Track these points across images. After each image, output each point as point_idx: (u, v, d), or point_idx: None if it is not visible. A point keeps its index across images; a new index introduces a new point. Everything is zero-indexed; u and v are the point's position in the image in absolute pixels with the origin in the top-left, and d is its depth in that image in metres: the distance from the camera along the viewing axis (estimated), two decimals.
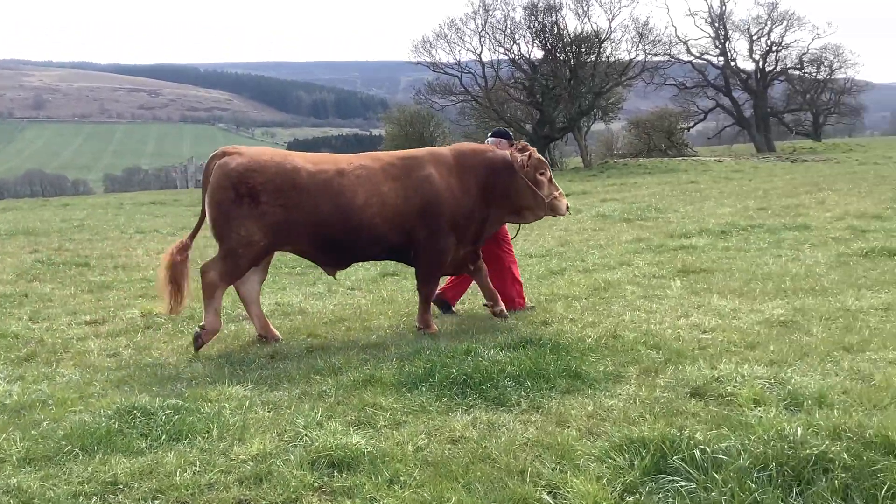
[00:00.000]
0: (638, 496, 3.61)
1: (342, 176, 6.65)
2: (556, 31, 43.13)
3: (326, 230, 6.63)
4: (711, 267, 9.42)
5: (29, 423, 4.81)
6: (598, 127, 55.51)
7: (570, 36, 43.35)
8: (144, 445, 4.40)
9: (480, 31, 43.74)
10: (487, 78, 44.83)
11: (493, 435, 4.44)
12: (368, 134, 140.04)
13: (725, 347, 5.98)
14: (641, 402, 4.84)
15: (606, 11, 43.57)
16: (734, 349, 5.92)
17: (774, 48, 58.70)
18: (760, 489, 3.49)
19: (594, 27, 43.38)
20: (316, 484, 3.90)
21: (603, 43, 43.23)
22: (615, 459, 3.91)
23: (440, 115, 49.64)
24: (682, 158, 43.25)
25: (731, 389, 4.88)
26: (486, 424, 4.62)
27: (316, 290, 9.25)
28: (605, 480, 3.75)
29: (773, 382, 4.97)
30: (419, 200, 6.80)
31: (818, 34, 58.61)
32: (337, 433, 4.42)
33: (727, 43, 58.63)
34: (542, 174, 7.13)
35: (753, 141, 58.17)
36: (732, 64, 59.18)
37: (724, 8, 57.85)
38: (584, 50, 43.41)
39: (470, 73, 45.25)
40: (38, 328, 7.58)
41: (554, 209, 7.21)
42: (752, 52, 59.00)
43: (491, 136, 8.18)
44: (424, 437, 4.44)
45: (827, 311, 6.96)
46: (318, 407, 4.95)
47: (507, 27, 43.37)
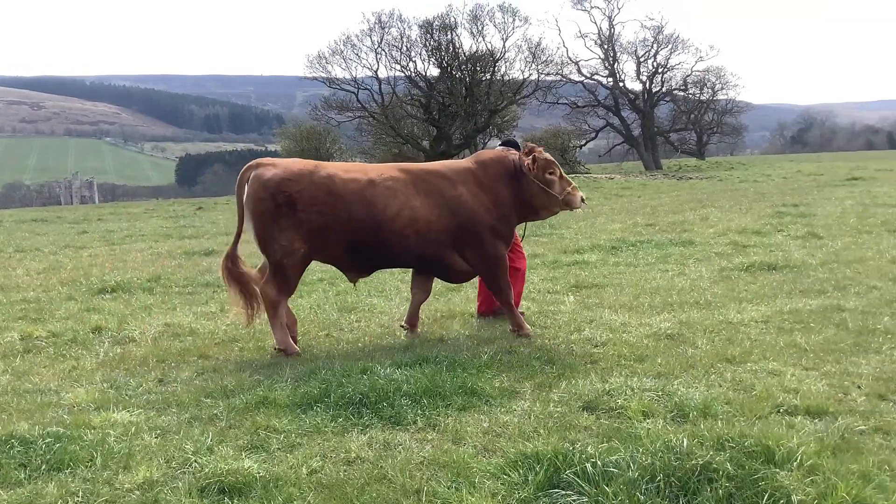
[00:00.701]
0: None
1: (373, 186, 6.86)
2: (451, 49, 43.78)
3: (360, 237, 6.82)
4: (603, 282, 9.66)
5: None
6: (493, 144, 56.38)
7: (465, 54, 44.10)
8: (23, 476, 4.17)
9: (377, 47, 44.00)
10: (384, 94, 45.02)
11: (389, 455, 4.41)
12: (264, 149, 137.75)
13: (616, 361, 6.13)
14: (536, 416, 4.90)
15: (500, 31, 44.53)
16: (624, 362, 6.08)
17: (660, 70, 61.24)
18: (649, 500, 3.58)
19: (489, 46, 44.28)
20: None
21: (497, 62, 44.17)
22: (510, 475, 3.95)
23: (337, 130, 49.46)
24: (574, 175, 44.29)
25: (621, 402, 5.00)
26: (382, 444, 4.58)
27: (208, 309, 9.00)
28: (499, 497, 3.78)
29: (660, 394, 5.12)
30: (457, 221, 7.03)
31: (701, 57, 61.44)
32: (228, 458, 4.29)
33: (616, 64, 60.77)
34: (551, 173, 7.36)
35: (642, 159, 60.31)
36: (621, 84, 61.35)
37: (612, 31, 59.98)
38: (479, 68, 44.18)
39: (367, 89, 45.35)
40: None
41: (569, 204, 7.44)
42: (639, 73, 61.34)
43: (500, 145, 8.35)
44: (319, 459, 4.37)
45: (711, 323, 7.24)
46: (208, 431, 4.80)
47: (403, 44, 43.76)
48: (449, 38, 43.63)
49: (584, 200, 7.59)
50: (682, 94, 63.13)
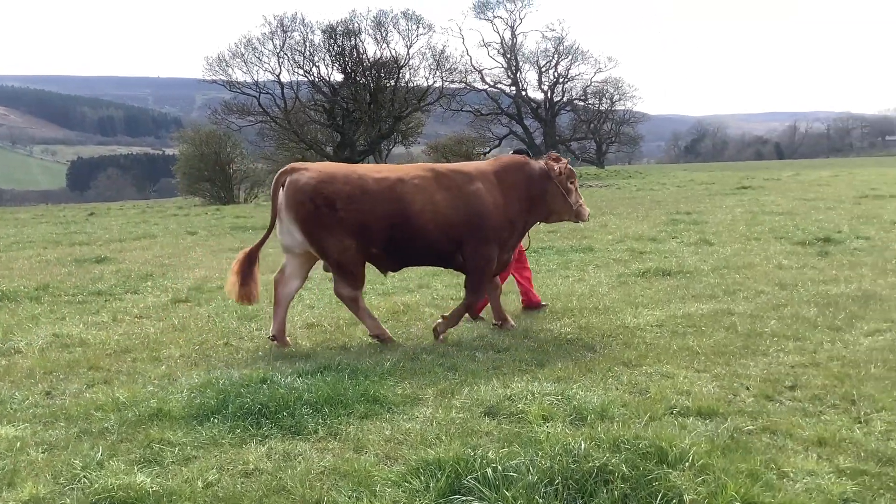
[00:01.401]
0: None
1: (401, 183, 7.18)
2: (355, 55, 43.58)
3: (393, 233, 7.13)
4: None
5: None
6: (398, 150, 56.49)
7: (369, 60, 43.95)
8: None
9: (279, 51, 43.40)
10: (287, 99, 44.42)
11: (288, 465, 4.33)
12: (161, 153, 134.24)
13: (518, 366, 6.21)
14: (438, 423, 4.91)
15: (404, 38, 44.65)
16: (525, 367, 6.17)
17: (561, 80, 62.57)
18: (547, 503, 3.63)
19: (393, 53, 44.28)
20: None
21: (402, 69, 44.21)
22: (411, 483, 3.93)
23: (238, 135, 48.51)
24: None
25: (522, 407, 5.06)
26: (281, 455, 4.50)
27: (99, 318, 8.67)
28: None
29: (560, 398, 5.21)
30: (467, 213, 7.29)
31: (600, 68, 63.04)
32: (119, 473, 4.14)
33: (518, 74, 61.78)
34: (571, 182, 7.90)
35: None
36: (524, 93, 62.40)
37: (514, 40, 60.93)
38: (383, 75, 44.13)
39: (269, 93, 44.67)
40: None
41: (579, 215, 7.99)
42: (541, 83, 62.52)
43: (512, 153, 8.68)
44: (216, 471, 4.26)
45: (608, 328, 7.41)
46: (98, 445, 4.61)
47: (306, 49, 43.30)
48: (353, 43, 43.52)
49: (590, 216, 8.19)
50: (582, 104, 64.69)
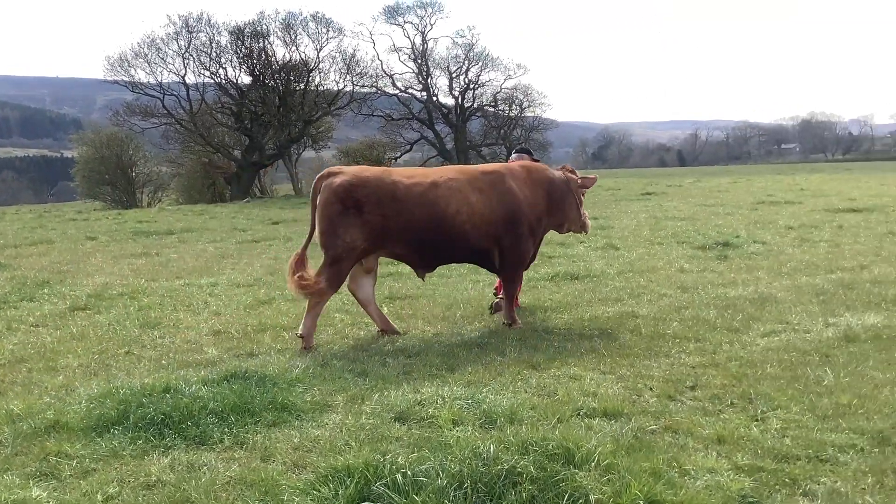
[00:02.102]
0: None
1: (436, 187, 7.47)
2: (263, 57, 42.87)
3: (423, 235, 7.42)
4: (417, 293, 9.78)
5: None
6: (309, 154, 55.89)
7: (278, 63, 43.31)
8: None
9: (184, 52, 42.27)
10: (192, 101, 43.34)
11: (192, 476, 4.22)
12: (59, 155, 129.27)
13: (428, 371, 6.21)
14: (348, 429, 4.87)
15: (314, 41, 44.11)
16: (436, 372, 6.17)
17: (472, 86, 62.92)
18: None
19: (303, 56, 43.73)
20: None
21: (311, 72, 43.70)
22: (320, 491, 3.88)
23: (140, 137, 47.10)
24: None
25: (432, 412, 5.07)
26: (185, 466, 4.38)
27: None
28: None
29: (470, 402, 5.23)
30: (503, 211, 7.65)
31: (510, 75, 63.61)
32: (13, 487, 3.98)
33: (429, 79, 61.85)
34: (583, 195, 8.40)
35: None
36: (435, 99, 62.50)
37: (425, 46, 61.03)
38: (292, 78, 43.55)
39: (173, 95, 43.46)
40: None
41: (584, 227, 8.55)
42: (451, 88, 62.73)
43: (515, 152, 9.21)
44: (116, 484, 4.12)
45: (518, 332, 7.50)
46: None
47: (212, 50, 42.33)
48: (261, 45, 42.76)
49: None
50: (492, 110, 65.24)
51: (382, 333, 7.59)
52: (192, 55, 42.30)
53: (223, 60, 42.85)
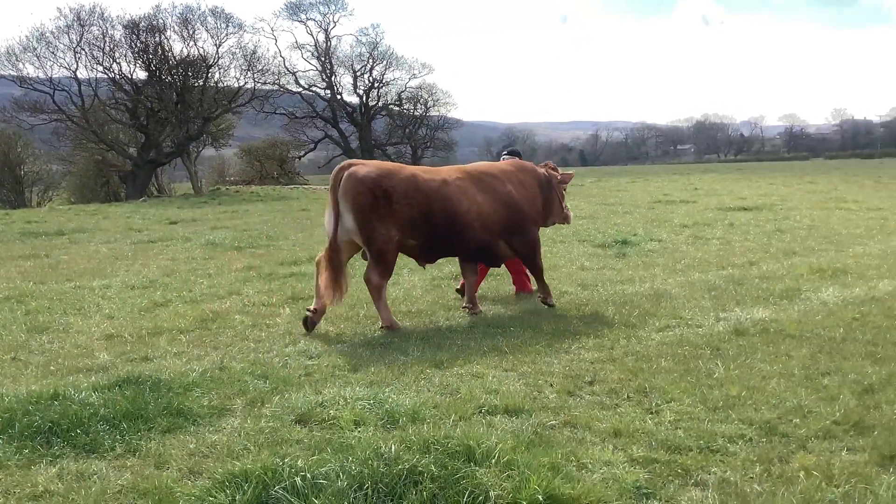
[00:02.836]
0: None
1: (447, 185, 7.89)
2: (160, 52, 41.58)
3: (439, 228, 7.79)
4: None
5: None
6: (209, 153, 54.64)
7: (175, 58, 42.10)
8: None
9: (76, 46, 40.58)
10: (84, 97, 41.65)
11: (82, 486, 4.06)
12: None
13: (331, 372, 6.15)
14: (246, 434, 4.77)
15: (213, 37, 43.05)
16: (339, 373, 6.12)
17: (376, 85, 62.79)
18: None
19: (201, 51, 42.62)
20: None
21: (211, 68, 42.66)
22: (216, 497, 3.78)
23: (29, 134, 45.01)
24: (293, 186, 44.11)
25: (334, 413, 5.01)
26: (74, 475, 4.21)
27: None
28: None
29: (373, 402, 5.20)
30: (503, 208, 8.23)
31: (415, 74, 63.73)
32: None
33: (333, 77, 61.44)
34: (564, 190, 9.11)
35: None
36: (339, 97, 62.12)
37: (329, 43, 60.58)
38: (191, 74, 42.40)
39: (64, 90, 41.66)
40: None
41: (566, 218, 9.33)
42: (356, 87, 62.49)
43: (507, 154, 9.85)
44: (1, 496, 3.92)
45: (422, 331, 7.51)
46: None
47: (106, 44, 40.75)
48: (157, 40, 41.43)
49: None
50: (397, 109, 65.23)
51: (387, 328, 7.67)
52: (84, 49, 40.63)
53: (117, 55, 41.30)
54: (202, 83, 42.67)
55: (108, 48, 40.73)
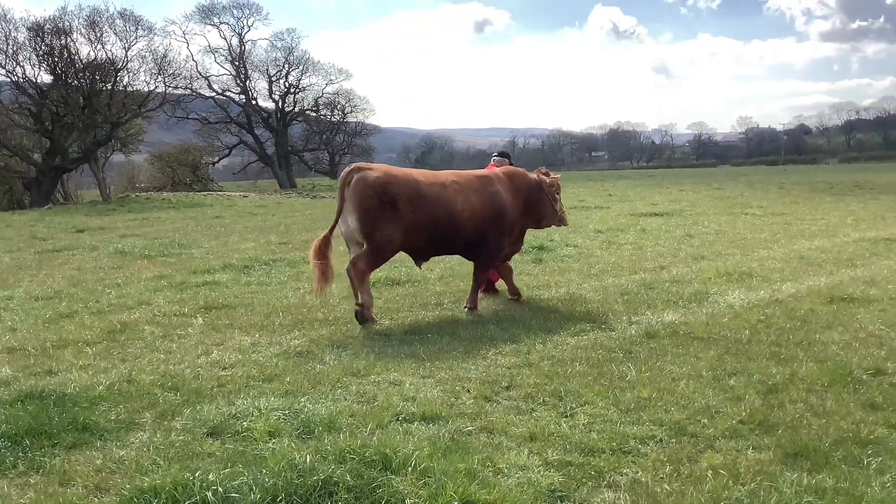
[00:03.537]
0: None
1: (446, 188, 8.44)
2: (66, 55, 40.14)
3: (438, 230, 8.35)
4: (234, 302, 9.48)
5: None
6: (118, 159, 53.05)
7: (82, 62, 40.70)
8: None
9: None
10: None
11: None
12: None
13: (245, 382, 6.03)
14: (156, 448, 4.63)
15: (122, 40, 41.79)
16: (253, 383, 6.00)
17: (292, 90, 62.04)
18: None
19: (109, 55, 41.31)
20: None
21: (119, 72, 41.41)
22: None
23: None
24: (207, 193, 43.18)
25: (247, 425, 4.92)
26: None
27: None
28: None
29: (288, 413, 5.12)
30: (491, 211, 8.71)
31: (332, 79, 63.24)
32: None
33: (248, 82, 60.44)
34: (557, 193, 9.47)
35: (276, 177, 60.60)
36: (254, 102, 61.13)
37: (243, 48, 59.58)
38: (98, 77, 41.07)
39: None
40: None
41: (561, 220, 9.59)
42: (271, 92, 61.62)
43: (496, 156, 10.44)
44: None
45: (339, 339, 7.44)
46: None
47: (9, 47, 39.11)
48: (63, 42, 39.98)
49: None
50: (314, 114, 64.62)
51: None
52: None
53: (21, 58, 39.67)
54: (110, 87, 41.36)
55: (11, 51, 39.09)
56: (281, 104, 61.89)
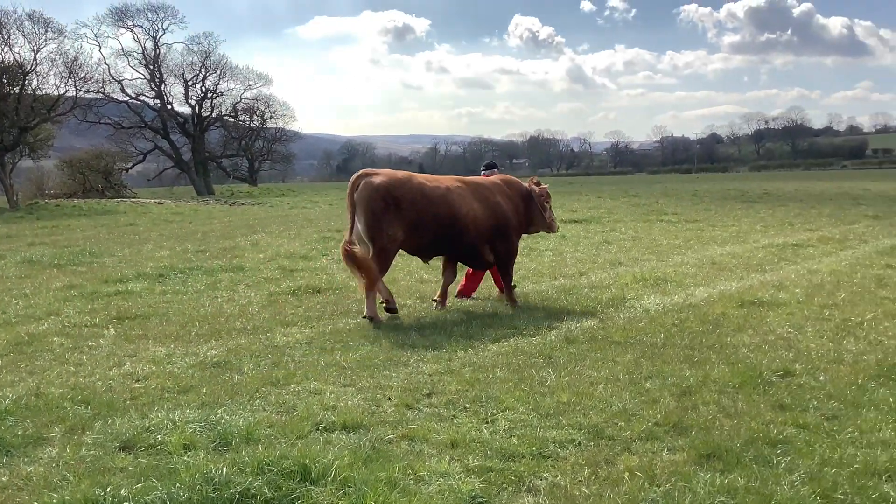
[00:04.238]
0: None
1: (450, 191, 8.95)
2: None
3: (442, 230, 8.82)
4: (148, 312, 9.23)
5: None
6: (26, 164, 51.07)
7: None
8: None
9: None
10: None
11: None
12: None
13: (159, 394, 5.87)
14: (65, 463, 4.46)
15: (31, 42, 40.37)
16: (168, 395, 5.85)
17: (210, 95, 60.90)
18: None
19: (17, 57, 39.84)
20: None
21: (28, 75, 39.98)
22: None
23: None
24: (120, 200, 42.01)
25: (161, 438, 4.79)
26: None
27: None
28: None
29: (204, 425, 4.99)
30: (493, 217, 9.25)
31: (250, 85, 62.35)
32: None
33: (163, 86, 59.07)
34: (547, 202, 9.94)
35: (193, 184, 59.33)
36: (169, 107, 59.76)
37: (157, 51, 58.25)
38: (6, 81, 39.53)
39: None
40: None
41: (550, 227, 10.10)
42: (188, 97, 60.37)
43: (484, 167, 10.74)
44: None
45: (257, 348, 7.31)
46: None
47: None
48: None
49: (558, 229, 10.62)
50: (232, 120, 63.59)
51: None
52: None
53: None
54: (18, 91, 39.88)
55: None
56: (198, 109, 60.69)
